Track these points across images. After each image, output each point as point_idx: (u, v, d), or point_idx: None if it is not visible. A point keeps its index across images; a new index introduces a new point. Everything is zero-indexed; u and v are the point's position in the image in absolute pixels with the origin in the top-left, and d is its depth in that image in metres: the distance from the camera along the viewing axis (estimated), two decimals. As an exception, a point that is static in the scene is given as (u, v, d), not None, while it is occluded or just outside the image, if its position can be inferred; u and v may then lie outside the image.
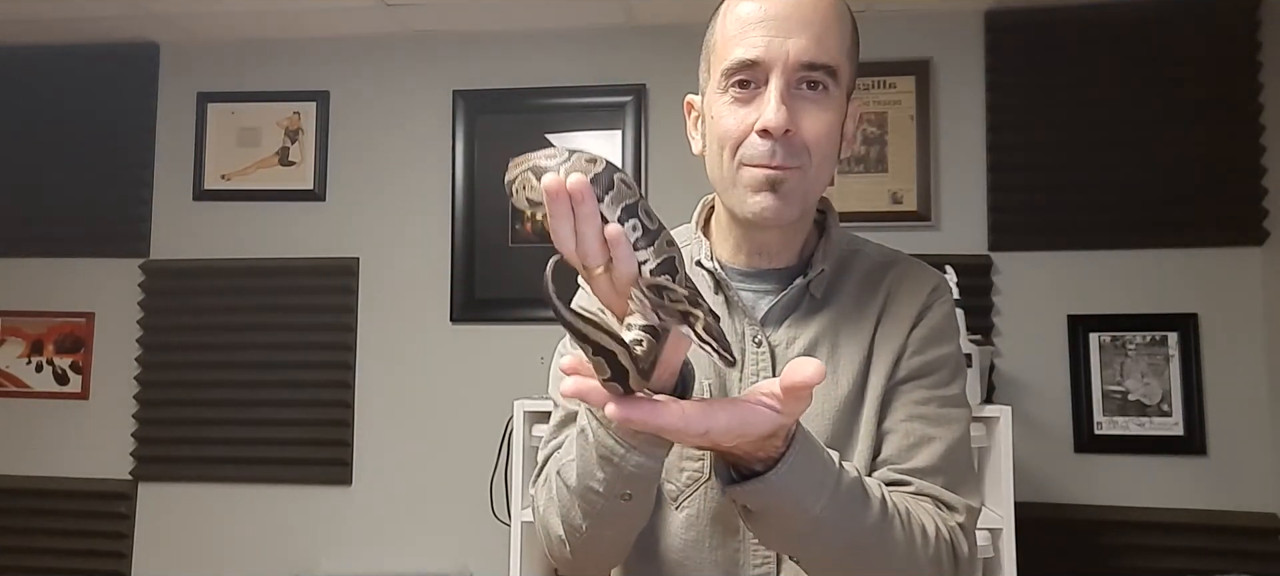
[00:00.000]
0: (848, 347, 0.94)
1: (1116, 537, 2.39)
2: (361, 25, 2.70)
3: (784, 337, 0.94)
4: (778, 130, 0.86)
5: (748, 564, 0.91)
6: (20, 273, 2.84)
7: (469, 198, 2.70)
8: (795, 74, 0.87)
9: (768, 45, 0.86)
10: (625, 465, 0.77)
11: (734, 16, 0.90)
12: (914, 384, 0.93)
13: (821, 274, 0.95)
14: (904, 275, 0.98)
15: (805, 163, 0.89)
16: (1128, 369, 2.45)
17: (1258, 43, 2.44)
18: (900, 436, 0.91)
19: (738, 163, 0.89)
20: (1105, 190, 2.48)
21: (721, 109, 0.90)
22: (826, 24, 0.88)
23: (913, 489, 0.89)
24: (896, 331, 0.94)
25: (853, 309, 0.96)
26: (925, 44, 2.58)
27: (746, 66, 0.87)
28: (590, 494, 0.81)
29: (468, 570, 2.59)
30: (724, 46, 0.90)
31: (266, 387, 2.71)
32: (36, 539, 2.73)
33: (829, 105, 0.89)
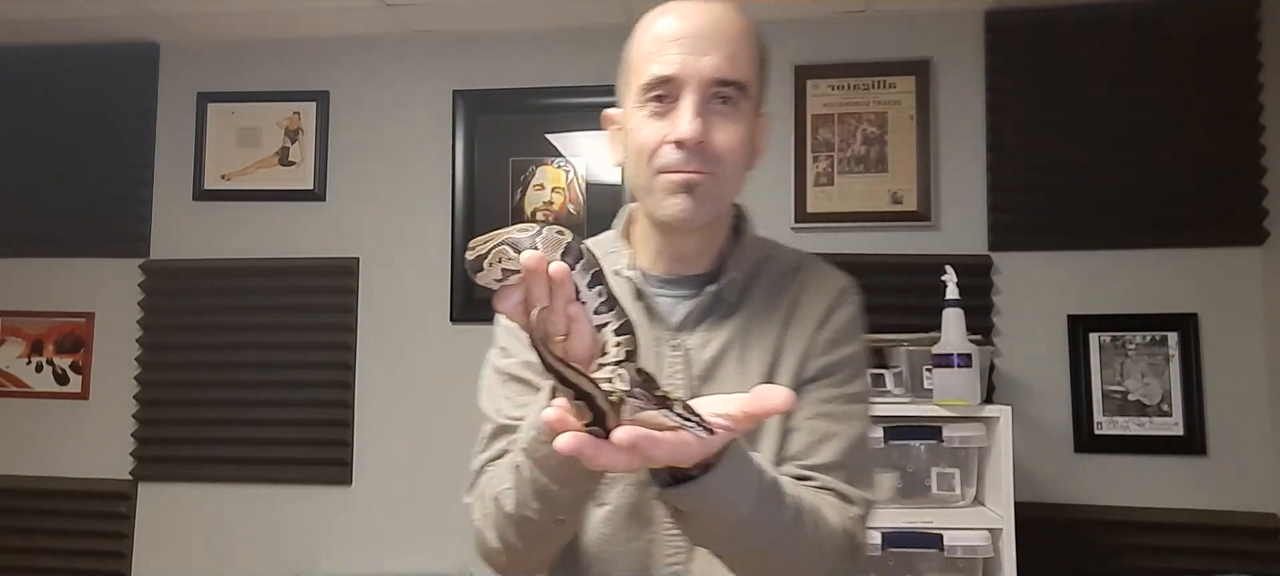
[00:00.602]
0: (758, 349, 0.99)
1: (1116, 537, 2.39)
2: (361, 25, 2.70)
3: (698, 342, 1.00)
4: (692, 141, 0.93)
5: (661, 555, 0.97)
6: (20, 273, 2.84)
7: (469, 198, 2.70)
8: (708, 89, 0.94)
9: (682, 62, 0.93)
10: (560, 499, 0.84)
11: (651, 35, 0.97)
12: (818, 384, 0.98)
13: (733, 280, 1.01)
14: (810, 278, 1.04)
15: (718, 170, 0.95)
16: (1128, 369, 2.45)
17: (1258, 43, 2.44)
18: (805, 434, 0.96)
19: (655, 170, 0.96)
20: (1105, 190, 2.48)
21: (640, 121, 0.96)
22: (736, 43, 0.95)
23: (816, 484, 0.94)
24: (803, 333, 1.00)
25: (763, 312, 1.01)
26: (925, 44, 2.58)
27: (663, 82, 0.94)
28: (526, 521, 0.87)
29: (468, 570, 2.59)
30: (641, 63, 0.96)
31: (266, 387, 2.71)
32: (36, 539, 2.73)
33: (739, 118, 0.96)
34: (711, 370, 1.00)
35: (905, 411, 2.15)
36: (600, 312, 0.78)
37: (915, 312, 2.32)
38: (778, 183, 2.58)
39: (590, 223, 2.66)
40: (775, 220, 2.58)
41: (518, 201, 2.69)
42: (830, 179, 2.58)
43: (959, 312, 2.17)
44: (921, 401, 2.18)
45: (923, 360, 2.22)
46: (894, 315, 2.37)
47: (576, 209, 2.67)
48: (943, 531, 2.04)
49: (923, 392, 2.21)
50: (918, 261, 2.47)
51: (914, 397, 2.22)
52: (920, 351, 2.22)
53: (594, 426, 0.69)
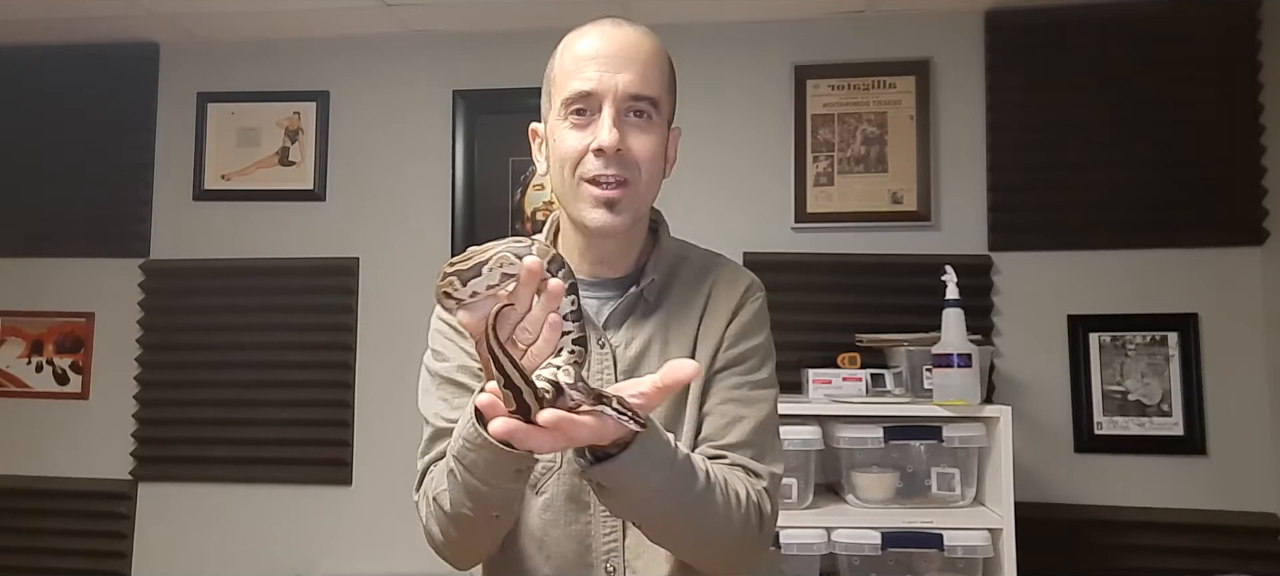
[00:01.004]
0: (676, 344, 1.09)
1: (1116, 537, 2.39)
2: (361, 25, 2.70)
3: (623, 339, 1.09)
4: (611, 148, 1.02)
5: (598, 535, 1.07)
6: (20, 273, 2.84)
7: (469, 198, 2.70)
8: (624, 103, 1.03)
9: (600, 78, 1.03)
10: (490, 497, 0.93)
11: (571, 54, 1.07)
12: (728, 372, 1.09)
13: (653, 282, 1.11)
14: (721, 278, 1.14)
15: (635, 176, 1.04)
16: (1128, 369, 2.45)
17: (1258, 43, 2.44)
18: (716, 417, 1.07)
19: (578, 178, 1.04)
20: (1105, 190, 2.48)
21: (563, 133, 1.05)
22: (648, 62, 1.05)
23: (728, 461, 1.05)
24: (715, 327, 1.10)
25: (680, 310, 1.11)
26: (925, 44, 2.58)
27: (583, 97, 1.04)
28: (463, 519, 0.97)
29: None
30: (563, 79, 1.07)
31: (266, 387, 2.71)
32: (36, 539, 2.73)
33: (653, 130, 1.05)
34: (636, 365, 1.09)
35: (905, 411, 2.15)
36: (567, 320, 0.86)
37: (915, 312, 2.32)
38: (778, 183, 2.58)
39: (590, 223, 2.66)
40: (775, 220, 2.58)
41: (518, 201, 2.69)
42: (830, 179, 2.58)
43: (959, 313, 2.17)
44: (921, 401, 2.18)
45: (923, 360, 2.22)
46: (894, 315, 2.38)
47: (576, 209, 2.67)
48: (943, 531, 2.05)
49: (923, 392, 2.22)
50: (918, 261, 2.48)
51: (914, 397, 2.22)
52: (920, 351, 2.23)
53: (515, 414, 0.78)
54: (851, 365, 2.28)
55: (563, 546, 1.07)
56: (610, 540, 1.08)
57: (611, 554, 1.07)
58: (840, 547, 2.05)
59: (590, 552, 1.07)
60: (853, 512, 2.14)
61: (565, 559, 1.07)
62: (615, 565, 1.07)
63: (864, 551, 2.04)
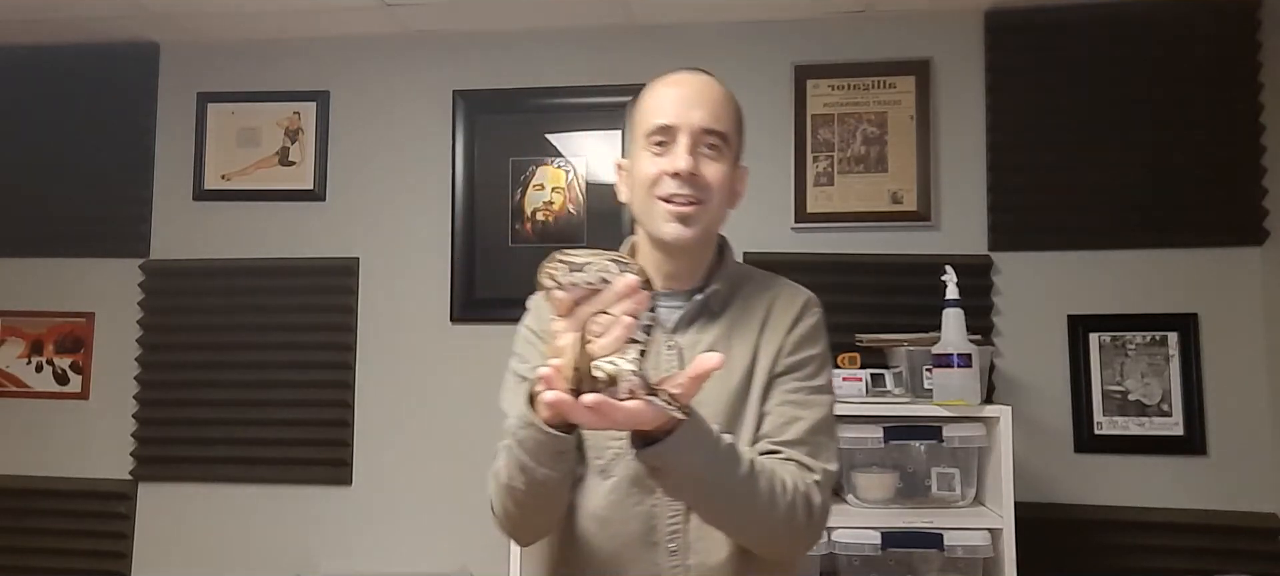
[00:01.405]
0: (738, 347, 1.22)
1: (1116, 537, 2.39)
2: (361, 25, 2.70)
3: (689, 341, 1.23)
4: (686, 171, 1.17)
5: (663, 517, 1.18)
6: (20, 272, 2.84)
7: (469, 198, 2.70)
8: (698, 136, 1.19)
9: (678, 113, 1.19)
10: (536, 474, 1.06)
11: (654, 95, 1.24)
12: (787, 377, 1.21)
13: (717, 292, 1.24)
14: (782, 292, 1.28)
15: (706, 198, 1.19)
16: (1128, 369, 2.45)
17: (1258, 43, 2.44)
18: (775, 416, 1.19)
19: (656, 198, 1.19)
20: (1105, 190, 2.48)
21: (644, 160, 1.21)
22: (719, 104, 1.22)
23: (783, 455, 1.16)
24: (776, 336, 1.23)
25: (741, 318, 1.24)
26: (925, 44, 2.58)
27: (663, 129, 1.20)
28: (515, 491, 1.11)
29: (468, 570, 2.59)
30: (646, 116, 1.23)
31: (266, 387, 2.71)
32: (36, 539, 2.73)
33: (722, 160, 1.21)
34: None
35: (905, 411, 2.15)
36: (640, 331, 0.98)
37: (915, 313, 2.32)
38: (778, 183, 2.58)
39: (589, 221, 2.66)
40: (775, 220, 2.58)
41: (518, 201, 2.69)
42: (830, 179, 2.58)
43: (959, 313, 2.17)
44: (921, 401, 2.18)
45: (923, 360, 2.22)
46: (894, 315, 2.38)
47: (576, 209, 2.67)
48: (943, 531, 2.05)
49: (923, 392, 2.22)
50: (918, 261, 2.48)
51: (914, 397, 2.22)
52: (920, 351, 2.23)
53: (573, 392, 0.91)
54: (851, 365, 2.28)
55: (628, 526, 1.18)
56: (674, 522, 1.17)
57: (675, 534, 1.18)
58: (840, 547, 2.05)
59: (655, 532, 1.18)
60: (853, 513, 2.14)
61: (630, 537, 1.18)
62: (678, 545, 1.18)
63: (864, 551, 2.05)
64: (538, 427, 1.00)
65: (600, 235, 2.64)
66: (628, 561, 1.18)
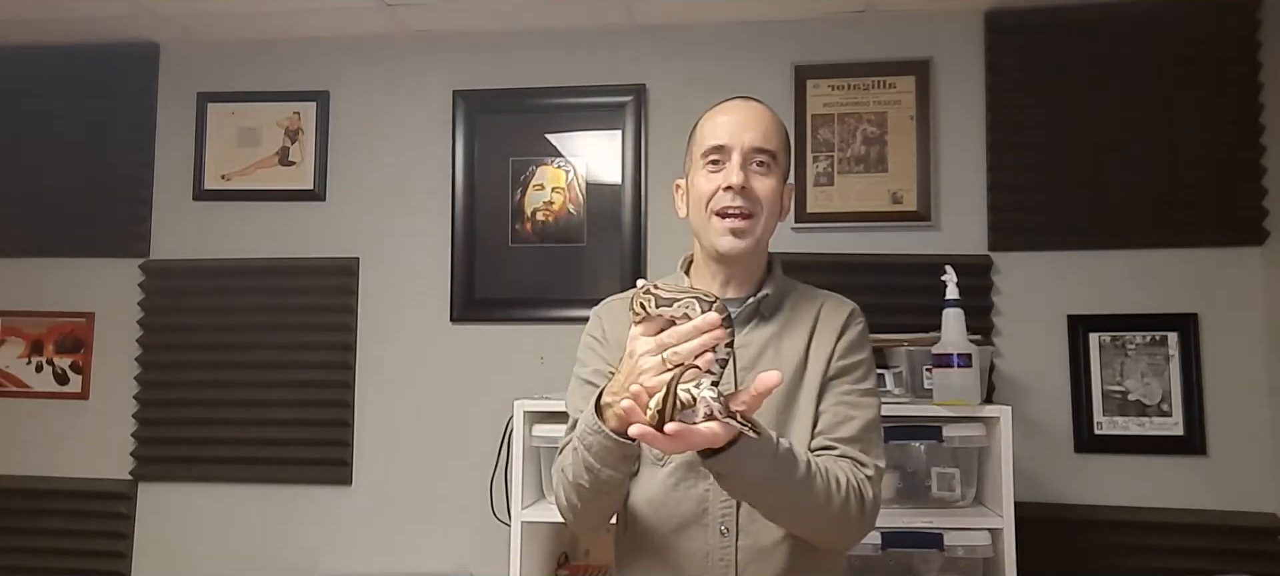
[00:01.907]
0: (789, 348, 1.34)
1: (1116, 537, 2.39)
2: (361, 25, 2.70)
3: (742, 340, 1.32)
4: (738, 186, 1.30)
5: (715, 500, 1.29)
6: (20, 272, 2.84)
7: (469, 198, 2.70)
8: (749, 154, 1.32)
9: (731, 134, 1.33)
10: (601, 474, 1.18)
11: (710, 122, 1.37)
12: (839, 380, 1.34)
13: (767, 298, 1.36)
14: (829, 302, 1.40)
15: (757, 210, 1.32)
16: (1128, 369, 2.45)
17: (1258, 43, 2.44)
18: (830, 416, 1.31)
19: (711, 212, 1.32)
20: (1105, 190, 2.48)
21: (701, 177, 1.34)
22: (769, 126, 1.35)
23: (837, 453, 1.28)
24: (826, 341, 1.35)
25: (791, 323, 1.36)
26: (925, 44, 2.58)
27: (717, 149, 1.33)
28: (581, 488, 1.23)
29: (468, 570, 2.59)
30: (703, 138, 1.36)
31: (266, 387, 2.71)
32: (36, 539, 2.72)
33: (772, 176, 1.34)
34: (754, 362, 1.32)
35: (905, 411, 2.15)
36: (717, 363, 1.10)
37: (915, 312, 2.32)
38: (778, 183, 2.58)
39: (590, 222, 2.66)
40: (775, 220, 2.58)
41: (518, 201, 2.69)
42: (830, 179, 2.58)
43: (959, 313, 2.17)
44: (921, 401, 2.18)
45: (923, 360, 2.22)
46: (894, 315, 2.37)
47: (576, 209, 2.67)
48: (943, 531, 2.05)
49: (923, 392, 2.21)
50: (918, 261, 2.48)
51: (914, 397, 2.22)
52: (920, 351, 2.22)
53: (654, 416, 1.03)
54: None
55: (683, 506, 1.29)
56: (726, 504, 1.28)
57: (726, 516, 1.29)
58: (840, 547, 2.05)
59: (707, 515, 1.29)
60: (853, 512, 2.14)
61: (685, 517, 1.29)
62: (729, 526, 1.29)
63: (864, 551, 2.04)
64: (606, 435, 1.13)
65: (600, 235, 2.64)
66: (681, 541, 1.29)
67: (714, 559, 1.28)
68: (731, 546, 1.28)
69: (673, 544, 1.29)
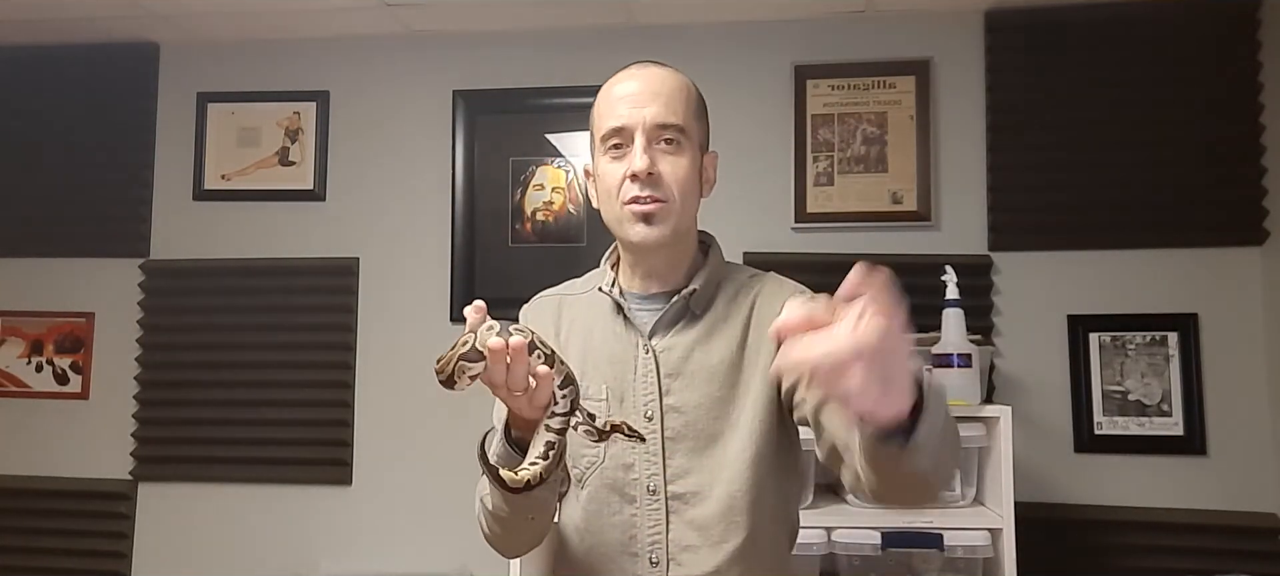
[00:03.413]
0: (719, 348, 1.18)
1: (1116, 537, 2.39)
2: (361, 25, 2.70)
3: (666, 344, 1.20)
4: (643, 172, 1.14)
5: (643, 526, 1.15)
6: (20, 273, 2.84)
7: (469, 198, 2.70)
8: (653, 133, 1.16)
9: (629, 114, 1.16)
10: (519, 508, 1.05)
11: (605, 98, 1.21)
12: None
13: (695, 293, 1.20)
14: (765, 288, 1.23)
15: (670, 197, 1.16)
16: (1128, 369, 2.45)
17: (1258, 43, 2.44)
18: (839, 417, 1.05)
19: (620, 203, 1.17)
20: (1105, 190, 2.48)
21: (604, 166, 1.19)
22: (672, 95, 1.18)
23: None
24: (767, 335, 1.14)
25: (723, 317, 1.20)
26: (925, 44, 2.58)
27: (617, 132, 1.17)
28: (501, 519, 1.11)
29: (468, 570, 2.59)
30: (600, 120, 1.21)
31: (266, 387, 2.71)
32: (36, 539, 2.72)
33: (682, 154, 1.17)
34: (679, 367, 1.18)
35: (905, 411, 2.14)
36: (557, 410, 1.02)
37: (915, 312, 2.28)
38: (778, 183, 2.58)
39: (590, 222, 2.66)
40: (775, 220, 2.58)
41: (518, 201, 2.69)
42: (830, 179, 2.58)
43: (959, 313, 2.17)
44: (921, 401, 2.17)
45: (923, 360, 2.22)
46: (894, 315, 2.37)
47: (576, 209, 2.67)
48: (943, 531, 2.05)
49: (923, 392, 2.21)
50: (918, 261, 2.47)
51: (914, 397, 2.21)
52: (920, 351, 2.22)
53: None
54: None
55: (607, 535, 1.16)
56: (655, 532, 1.15)
57: (655, 546, 1.15)
58: (840, 547, 2.05)
59: (634, 542, 1.15)
60: (853, 512, 2.14)
61: (609, 547, 1.16)
62: (659, 556, 1.15)
63: (864, 551, 2.04)
64: (497, 491, 1.03)
65: (600, 235, 2.63)
66: (608, 572, 1.16)
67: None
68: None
69: (600, 574, 1.16)
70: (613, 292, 1.23)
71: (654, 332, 1.20)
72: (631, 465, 1.16)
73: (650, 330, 1.20)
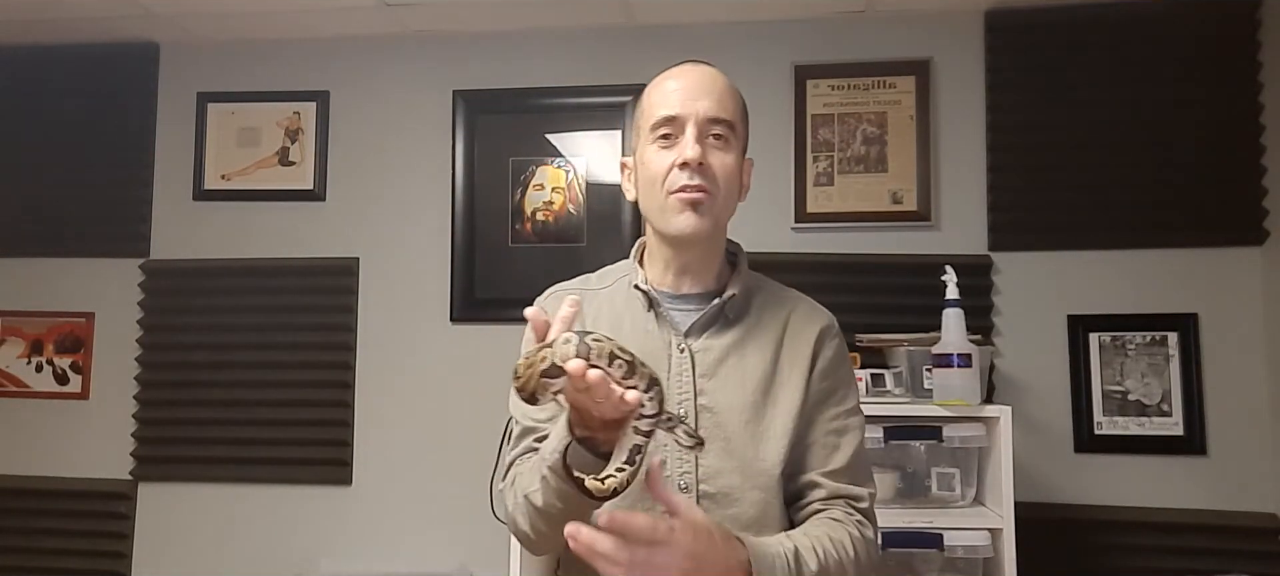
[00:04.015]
0: (754, 357, 1.21)
1: (1116, 537, 2.39)
2: (361, 25, 2.70)
3: (702, 346, 1.21)
4: (694, 161, 1.15)
5: None
6: (20, 273, 2.84)
7: (469, 198, 2.70)
8: (704, 126, 1.17)
9: (683, 104, 1.18)
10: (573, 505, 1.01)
11: (659, 89, 1.23)
12: (823, 406, 1.22)
13: (733, 298, 1.22)
14: (799, 307, 1.27)
15: (715, 189, 1.18)
16: (1128, 369, 2.45)
17: (1258, 43, 2.44)
18: (818, 449, 1.20)
19: (666, 192, 1.18)
20: (1105, 190, 2.48)
21: (651, 154, 1.20)
22: (723, 93, 1.21)
23: (825, 493, 1.18)
24: (799, 359, 1.21)
25: (758, 327, 1.23)
26: (925, 44, 2.58)
27: (669, 121, 1.18)
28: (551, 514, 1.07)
29: (468, 570, 2.59)
30: (651, 109, 1.22)
31: (266, 387, 2.71)
32: (36, 539, 2.72)
33: (729, 150, 1.19)
34: (714, 369, 1.19)
35: (905, 411, 2.15)
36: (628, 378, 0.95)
37: (915, 312, 2.32)
38: (778, 183, 2.58)
39: (589, 222, 2.66)
40: (775, 220, 2.58)
41: (518, 201, 2.69)
42: (830, 179, 2.58)
43: (959, 312, 2.17)
44: (921, 401, 2.18)
45: (923, 360, 2.22)
46: (894, 315, 2.38)
47: (576, 209, 2.67)
48: (943, 531, 2.05)
49: (923, 392, 2.21)
50: (918, 261, 2.48)
51: (914, 397, 2.22)
52: (920, 351, 2.22)
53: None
54: (851, 365, 2.28)
55: None
56: None
57: None
58: (840, 547, 2.05)
59: None
60: (853, 512, 2.14)
61: None
62: None
63: (864, 551, 2.04)
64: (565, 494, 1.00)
65: (600, 235, 2.64)
66: None
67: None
68: None
69: None
70: (648, 288, 1.23)
71: (690, 332, 1.22)
72: (664, 462, 1.17)
73: (686, 330, 1.22)
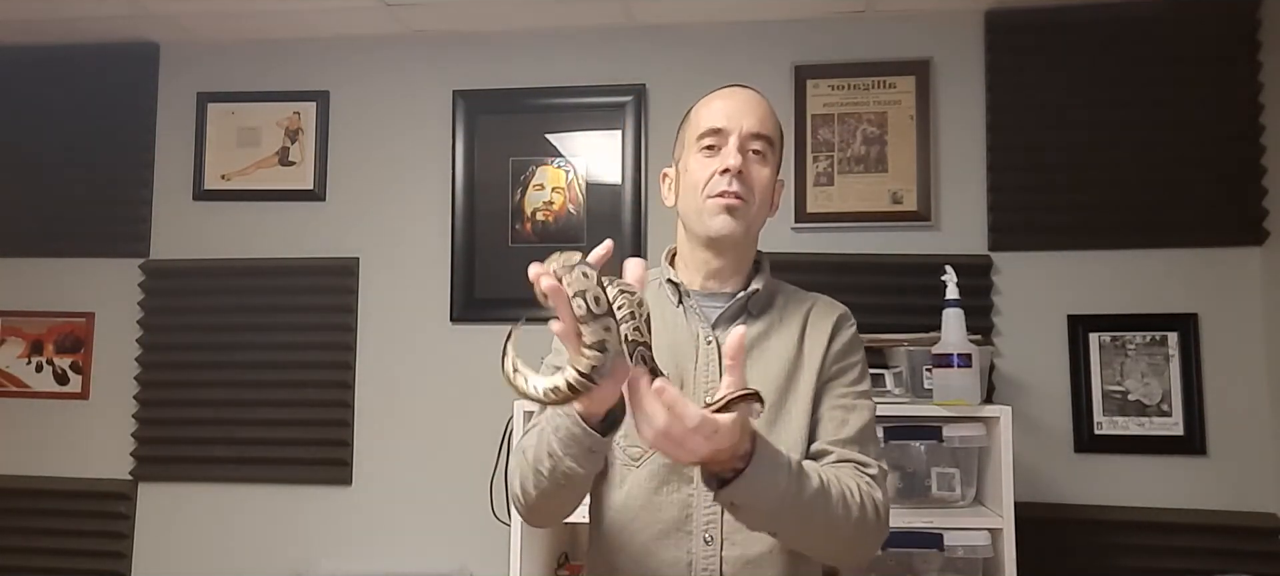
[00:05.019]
0: (777, 347, 1.30)
1: (1116, 537, 2.39)
2: (361, 25, 2.70)
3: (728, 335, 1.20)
4: (734, 167, 1.26)
5: (700, 505, 1.22)
6: (20, 273, 2.84)
7: (469, 198, 2.70)
8: (746, 140, 1.29)
9: (728, 119, 1.30)
10: (561, 465, 1.08)
11: (706, 105, 1.34)
12: (834, 383, 1.30)
13: (757, 294, 1.32)
14: (819, 303, 1.37)
15: (750, 197, 1.28)
16: (1128, 369, 2.45)
17: (1258, 43, 2.44)
18: (828, 420, 1.27)
19: (706, 196, 1.28)
20: (1105, 190, 2.48)
21: (695, 162, 1.31)
22: (766, 115, 1.33)
23: (835, 458, 1.23)
24: (817, 345, 1.31)
25: (780, 321, 1.33)
26: (925, 44, 2.58)
27: (714, 132, 1.29)
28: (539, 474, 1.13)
29: (468, 570, 2.59)
30: (698, 122, 1.33)
31: (266, 387, 2.71)
32: (36, 539, 2.73)
33: (766, 165, 1.31)
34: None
35: (905, 411, 2.15)
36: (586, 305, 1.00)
37: (915, 312, 2.32)
38: (778, 183, 2.58)
39: (589, 222, 2.66)
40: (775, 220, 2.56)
41: (518, 201, 2.69)
42: (830, 179, 2.58)
43: (959, 312, 2.17)
44: (921, 401, 2.18)
45: (923, 360, 2.22)
46: (894, 315, 2.38)
47: (576, 209, 2.67)
48: (943, 531, 2.05)
49: (923, 392, 2.21)
50: (918, 261, 2.48)
51: (914, 397, 2.22)
52: (920, 351, 2.22)
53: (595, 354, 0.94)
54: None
55: (665, 512, 1.23)
56: (710, 510, 1.21)
57: (711, 523, 1.22)
58: (840, 547, 2.05)
59: (691, 520, 1.22)
60: (853, 512, 2.14)
61: (667, 524, 1.22)
62: (713, 534, 1.22)
63: (864, 551, 2.04)
64: (575, 421, 1.04)
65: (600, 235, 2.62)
66: (662, 549, 1.22)
67: (698, 568, 1.20)
68: (716, 555, 1.21)
69: (652, 552, 1.21)
70: (680, 282, 1.33)
71: (717, 323, 1.30)
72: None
73: (714, 321, 1.31)
